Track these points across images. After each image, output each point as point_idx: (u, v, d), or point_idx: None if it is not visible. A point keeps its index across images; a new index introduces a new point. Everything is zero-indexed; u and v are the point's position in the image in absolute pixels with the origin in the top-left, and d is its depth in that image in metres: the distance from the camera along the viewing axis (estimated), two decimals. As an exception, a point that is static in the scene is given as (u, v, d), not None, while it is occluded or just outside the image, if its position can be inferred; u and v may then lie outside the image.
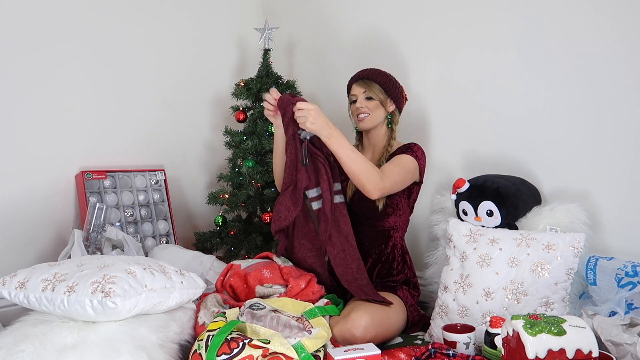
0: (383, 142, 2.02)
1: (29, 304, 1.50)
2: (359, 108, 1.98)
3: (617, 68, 1.81)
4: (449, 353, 1.52)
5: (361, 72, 2.02)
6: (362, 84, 1.99)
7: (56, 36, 2.11)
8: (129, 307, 1.43)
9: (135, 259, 1.63)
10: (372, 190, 1.79)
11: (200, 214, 2.56)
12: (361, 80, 2.00)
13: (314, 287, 1.80)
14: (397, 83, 2.01)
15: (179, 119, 2.49)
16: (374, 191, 1.79)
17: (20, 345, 1.36)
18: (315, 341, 1.49)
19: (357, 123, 2.01)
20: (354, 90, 2.01)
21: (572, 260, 1.64)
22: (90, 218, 2.01)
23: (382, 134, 2.02)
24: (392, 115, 2.02)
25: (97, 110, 2.24)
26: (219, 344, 1.38)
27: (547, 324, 1.25)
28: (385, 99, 1.98)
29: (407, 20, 2.29)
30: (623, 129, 1.81)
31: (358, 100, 1.99)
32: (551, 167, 1.95)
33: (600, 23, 1.83)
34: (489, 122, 2.10)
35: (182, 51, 2.50)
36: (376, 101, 1.97)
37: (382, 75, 2.00)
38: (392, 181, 1.84)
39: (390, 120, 2.01)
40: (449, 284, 1.77)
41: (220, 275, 1.86)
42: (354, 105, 2.01)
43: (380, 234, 1.96)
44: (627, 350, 1.36)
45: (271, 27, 2.35)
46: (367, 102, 1.98)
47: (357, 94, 2.00)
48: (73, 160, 2.18)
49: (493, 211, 1.80)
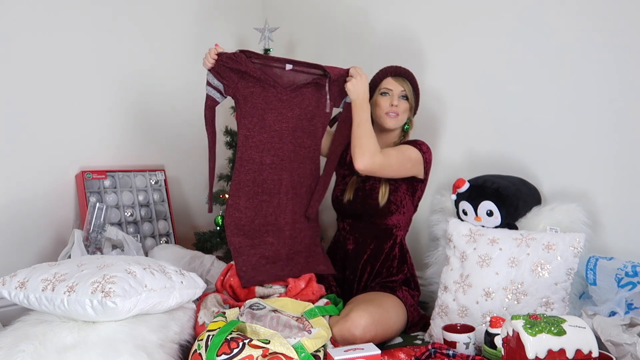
0: (395, 141, 2.01)
1: (29, 304, 1.50)
2: (392, 105, 1.94)
3: (618, 68, 1.81)
4: (449, 353, 1.52)
5: (399, 68, 1.98)
6: (400, 81, 1.96)
7: (56, 35, 2.11)
8: (129, 307, 1.43)
9: (135, 259, 1.63)
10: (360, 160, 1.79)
11: (200, 214, 2.56)
12: (400, 76, 1.97)
13: (314, 287, 1.80)
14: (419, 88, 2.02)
15: (179, 119, 2.49)
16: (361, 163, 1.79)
17: (20, 345, 1.36)
18: (315, 341, 1.49)
19: (384, 119, 1.95)
20: (388, 84, 1.96)
21: (572, 260, 1.64)
22: (90, 218, 2.01)
23: (396, 135, 2.01)
24: (409, 120, 2.01)
25: (97, 110, 2.24)
26: (219, 344, 1.38)
27: (547, 324, 1.25)
28: (413, 103, 1.99)
29: (408, 21, 2.29)
30: (623, 129, 1.81)
31: (393, 96, 1.95)
32: (551, 167, 1.95)
33: (601, 24, 1.83)
34: (489, 122, 2.10)
35: (182, 51, 2.50)
36: (409, 103, 1.96)
37: (414, 78, 2.00)
38: (388, 161, 1.83)
39: (406, 123, 2.00)
40: (449, 284, 1.77)
41: (220, 275, 1.86)
42: (383, 98, 1.95)
43: (382, 231, 1.96)
44: (627, 350, 1.36)
45: (271, 27, 2.35)
46: (401, 102, 1.95)
47: (392, 89, 1.95)
48: (73, 160, 2.18)
49: (493, 211, 1.80)
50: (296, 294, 1.76)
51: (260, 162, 1.90)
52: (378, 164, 1.82)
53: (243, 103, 1.88)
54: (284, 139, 1.90)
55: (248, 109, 1.88)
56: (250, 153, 1.89)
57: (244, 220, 1.88)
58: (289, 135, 1.91)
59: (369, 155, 1.79)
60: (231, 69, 1.85)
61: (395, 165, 1.87)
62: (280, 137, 1.90)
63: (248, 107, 1.87)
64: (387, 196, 1.91)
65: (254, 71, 1.85)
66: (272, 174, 1.91)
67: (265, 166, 1.90)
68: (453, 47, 2.17)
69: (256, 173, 1.90)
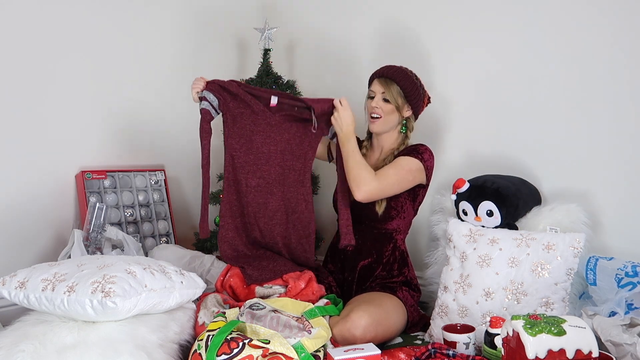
0: (393, 145, 1.96)
1: (28, 304, 1.50)
2: (373, 107, 1.91)
3: (617, 68, 1.81)
4: (448, 353, 1.52)
5: (385, 69, 1.91)
6: (382, 83, 1.89)
7: (56, 36, 2.11)
8: (128, 307, 1.43)
9: (135, 259, 1.63)
10: (357, 191, 1.79)
11: (199, 214, 2.56)
12: (383, 78, 1.90)
13: (314, 287, 1.80)
14: (420, 87, 1.91)
15: (179, 119, 2.49)
16: (358, 194, 1.79)
17: (20, 345, 1.36)
18: (315, 341, 1.49)
19: (368, 123, 1.94)
20: (373, 86, 1.92)
21: (572, 261, 1.64)
22: (90, 218, 2.01)
23: (394, 139, 1.96)
24: (407, 121, 1.94)
25: (97, 110, 2.24)
26: (219, 344, 1.38)
27: (547, 324, 1.25)
28: (403, 104, 1.89)
29: (410, 22, 2.29)
30: (623, 129, 1.81)
31: (375, 99, 1.91)
32: (551, 167, 1.95)
33: (600, 24, 1.83)
34: (490, 123, 2.10)
35: (182, 51, 2.50)
36: (392, 105, 1.89)
37: (406, 78, 1.88)
38: (385, 184, 1.81)
39: (404, 125, 1.94)
40: (449, 284, 1.77)
41: (220, 276, 1.86)
42: (369, 101, 1.93)
43: (382, 235, 1.95)
44: (627, 351, 1.36)
45: (271, 27, 2.35)
46: (383, 104, 1.89)
47: (375, 91, 1.91)
48: (73, 160, 2.18)
49: (493, 211, 1.80)
50: (296, 294, 1.76)
51: (246, 184, 1.90)
52: (376, 191, 1.81)
53: (232, 123, 1.88)
54: (271, 162, 1.91)
55: (236, 130, 1.89)
56: (235, 174, 1.90)
57: (237, 240, 1.91)
58: (277, 158, 1.91)
59: (363, 186, 1.78)
60: (223, 89, 1.86)
61: (395, 185, 1.84)
62: (267, 159, 1.90)
63: (236, 127, 1.89)
64: (384, 206, 1.90)
65: (244, 95, 1.86)
66: (257, 197, 1.91)
67: (250, 189, 1.90)
68: (455, 49, 2.17)
69: (241, 195, 1.91)
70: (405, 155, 1.88)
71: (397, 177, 1.84)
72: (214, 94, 1.86)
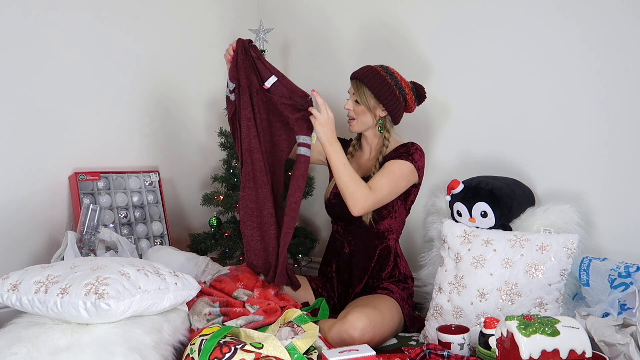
0: (378, 144, 1.97)
1: (21, 307, 1.49)
2: (347, 109, 1.92)
3: (611, 70, 1.82)
4: (443, 354, 1.52)
5: (358, 70, 1.91)
6: (354, 84, 1.91)
7: (50, 36, 2.10)
8: (122, 308, 1.43)
9: (129, 261, 1.62)
10: (353, 209, 1.78)
11: (194, 215, 2.56)
12: (354, 80, 1.91)
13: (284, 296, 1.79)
14: (394, 88, 1.86)
15: (173, 120, 2.49)
16: (355, 211, 1.78)
17: (13, 348, 1.35)
18: (306, 340, 1.49)
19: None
20: (350, 88, 1.93)
21: (566, 261, 1.65)
22: (83, 219, 2.00)
23: (378, 137, 1.97)
24: (383, 121, 1.92)
25: (91, 111, 2.23)
26: (211, 348, 1.38)
27: (541, 325, 1.26)
28: (375, 105, 1.87)
29: (404, 23, 2.30)
30: (617, 130, 1.82)
31: (348, 101, 1.92)
32: (545, 169, 1.96)
33: (595, 26, 1.84)
34: (483, 124, 2.10)
35: (176, 52, 2.49)
36: (362, 107, 1.88)
37: (376, 78, 1.85)
38: (380, 196, 1.80)
39: (381, 125, 1.93)
40: (443, 285, 1.78)
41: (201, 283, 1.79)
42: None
43: (375, 235, 1.95)
44: (620, 351, 1.37)
45: (266, 28, 2.35)
46: (354, 106, 1.90)
47: (350, 92, 1.93)
48: (66, 161, 2.17)
49: (487, 212, 1.80)
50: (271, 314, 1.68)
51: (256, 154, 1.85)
52: (372, 206, 1.81)
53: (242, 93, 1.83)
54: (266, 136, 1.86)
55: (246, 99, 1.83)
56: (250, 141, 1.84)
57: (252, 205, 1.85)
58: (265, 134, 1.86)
59: (360, 204, 1.77)
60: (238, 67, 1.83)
61: (390, 194, 1.84)
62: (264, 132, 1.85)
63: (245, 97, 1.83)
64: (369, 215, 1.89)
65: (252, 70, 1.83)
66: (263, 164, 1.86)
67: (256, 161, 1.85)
68: (448, 51, 2.17)
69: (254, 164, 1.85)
70: (396, 159, 1.87)
71: (391, 185, 1.83)
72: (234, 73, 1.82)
